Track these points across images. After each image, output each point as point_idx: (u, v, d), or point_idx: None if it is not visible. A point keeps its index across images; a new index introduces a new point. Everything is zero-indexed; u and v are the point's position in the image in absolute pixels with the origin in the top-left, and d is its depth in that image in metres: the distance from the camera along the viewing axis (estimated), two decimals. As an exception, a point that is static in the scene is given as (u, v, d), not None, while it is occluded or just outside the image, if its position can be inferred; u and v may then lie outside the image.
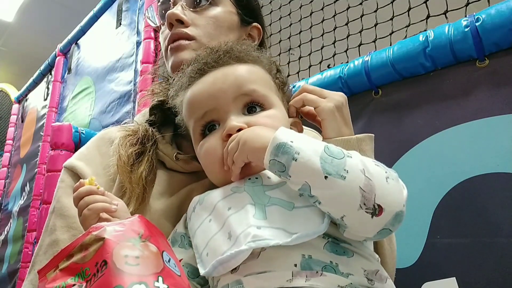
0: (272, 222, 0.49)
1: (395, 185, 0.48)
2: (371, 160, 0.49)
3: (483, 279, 0.78)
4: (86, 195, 0.55)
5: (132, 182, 0.64)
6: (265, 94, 0.60)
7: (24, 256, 2.43)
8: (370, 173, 0.47)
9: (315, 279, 0.45)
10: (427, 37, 0.93)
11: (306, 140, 0.49)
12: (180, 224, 0.62)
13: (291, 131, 0.51)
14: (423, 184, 0.90)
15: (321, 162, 0.46)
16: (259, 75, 0.62)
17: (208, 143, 0.59)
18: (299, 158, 0.47)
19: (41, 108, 3.10)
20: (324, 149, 0.48)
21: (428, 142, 0.93)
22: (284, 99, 0.65)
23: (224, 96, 0.58)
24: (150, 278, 0.40)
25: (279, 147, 0.48)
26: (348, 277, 0.46)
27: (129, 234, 0.44)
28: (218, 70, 0.60)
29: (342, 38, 1.30)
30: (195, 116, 0.60)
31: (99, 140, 0.75)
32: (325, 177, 0.46)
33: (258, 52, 0.66)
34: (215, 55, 0.61)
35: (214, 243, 0.51)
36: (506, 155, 0.80)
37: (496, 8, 0.84)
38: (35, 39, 4.51)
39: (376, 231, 0.48)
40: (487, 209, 0.81)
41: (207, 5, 0.75)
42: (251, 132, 0.53)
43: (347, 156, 0.48)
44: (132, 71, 2.05)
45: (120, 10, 2.32)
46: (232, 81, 0.59)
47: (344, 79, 1.09)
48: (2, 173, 3.56)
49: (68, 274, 0.44)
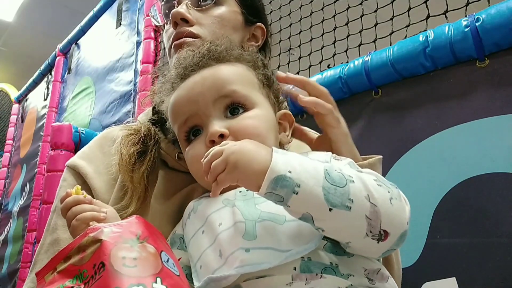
0: (262, 242, 0.47)
1: (399, 205, 0.47)
2: (372, 178, 0.47)
3: (483, 279, 0.78)
4: (73, 206, 0.54)
5: (133, 182, 0.63)
6: (246, 94, 0.58)
7: (24, 256, 2.42)
8: (375, 199, 0.45)
9: (315, 282, 0.45)
10: (427, 37, 0.93)
11: (305, 165, 0.45)
12: (179, 226, 0.61)
13: (286, 154, 0.47)
14: (423, 184, 0.90)
15: (324, 193, 0.43)
16: (240, 74, 0.60)
17: (193, 150, 0.58)
18: (300, 191, 0.43)
19: (41, 108, 3.10)
20: (325, 176, 0.44)
21: (428, 142, 0.93)
22: (270, 95, 0.64)
23: (204, 99, 0.57)
24: (149, 279, 0.40)
25: (277, 180, 0.43)
26: (349, 278, 0.46)
27: (126, 235, 0.44)
28: (197, 73, 0.60)
29: (342, 38, 1.30)
30: (178, 122, 0.60)
31: (102, 139, 0.75)
32: (329, 209, 0.43)
33: (240, 48, 0.64)
34: (195, 58, 0.61)
35: (206, 257, 0.51)
36: (506, 155, 0.80)
37: (496, 8, 0.84)
38: (35, 39, 4.51)
39: (381, 253, 0.48)
40: (487, 209, 0.80)
41: (211, 4, 0.74)
42: (240, 152, 0.46)
43: (349, 181, 0.45)
44: (132, 71, 2.05)
45: (120, 10, 2.32)
46: (210, 83, 0.57)
47: (344, 79, 1.09)
48: (2, 173, 3.56)
49: (66, 276, 0.43)
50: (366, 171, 0.50)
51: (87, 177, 0.68)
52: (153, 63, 1.96)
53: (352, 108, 1.08)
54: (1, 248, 3.08)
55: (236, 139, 0.54)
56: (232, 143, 0.48)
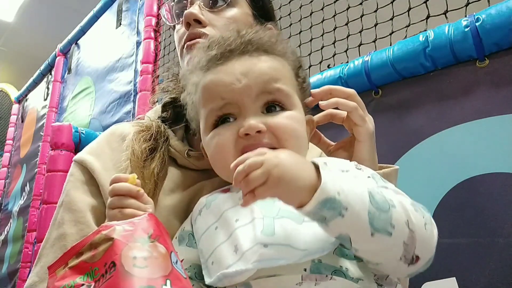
0: (280, 238, 0.47)
1: (431, 231, 0.47)
2: (409, 203, 0.47)
3: (483, 279, 0.78)
4: (123, 195, 0.55)
5: (144, 178, 0.64)
6: (288, 94, 0.57)
7: (24, 256, 2.43)
8: (413, 224, 0.44)
9: (324, 283, 0.45)
10: (427, 37, 0.93)
11: (351, 186, 0.43)
12: (187, 222, 0.61)
13: (330, 170, 0.44)
14: (423, 184, 0.90)
15: (370, 217, 0.42)
16: (284, 72, 0.59)
17: (220, 137, 0.56)
18: (347, 215, 0.42)
19: (41, 108, 3.11)
20: (370, 200, 0.43)
21: (428, 142, 0.93)
22: (303, 99, 0.62)
23: (248, 92, 0.54)
24: (158, 281, 0.40)
25: (325, 202, 0.41)
26: (358, 282, 0.46)
27: (138, 234, 0.44)
28: (242, 60, 0.57)
29: (342, 38, 1.30)
30: (212, 106, 0.57)
31: (110, 136, 0.75)
32: (371, 233, 0.42)
33: (285, 44, 0.62)
34: (241, 42, 0.57)
35: (220, 253, 0.50)
36: (506, 155, 0.80)
37: (496, 8, 0.84)
38: (35, 39, 4.51)
39: (408, 274, 0.48)
40: (487, 209, 0.80)
41: (224, 6, 0.74)
42: (284, 166, 0.43)
43: (391, 206, 0.44)
44: (132, 71, 2.06)
45: (120, 10, 2.32)
46: (257, 75, 0.55)
47: (344, 79, 1.09)
48: (2, 173, 3.57)
49: (77, 273, 0.44)
50: (399, 192, 0.49)
51: (94, 173, 0.68)
52: (153, 63, 1.96)
53: (352, 108, 1.07)
54: (1, 248, 3.09)
55: (274, 135, 0.53)
56: (273, 154, 0.44)
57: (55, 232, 0.66)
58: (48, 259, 0.63)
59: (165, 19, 0.83)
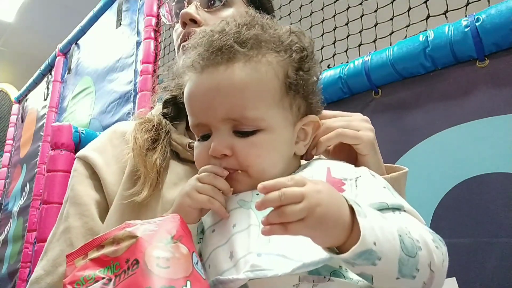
0: (274, 248, 0.46)
1: (446, 266, 0.47)
2: (431, 239, 0.46)
3: (483, 279, 0.78)
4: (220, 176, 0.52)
5: (147, 167, 0.64)
6: (257, 118, 0.52)
7: (24, 256, 2.43)
8: (435, 266, 0.44)
9: (322, 284, 0.45)
10: (427, 37, 0.93)
11: (384, 232, 0.41)
12: None
13: (366, 215, 0.42)
14: (423, 184, 0.90)
15: (399, 264, 0.41)
16: (258, 84, 0.53)
17: (197, 151, 0.57)
18: (379, 264, 0.40)
19: (41, 108, 3.11)
20: (401, 246, 0.42)
21: (428, 142, 0.93)
22: (296, 100, 0.57)
23: (214, 115, 0.53)
24: (179, 282, 0.41)
25: (363, 253, 0.40)
26: (358, 283, 0.46)
27: (161, 234, 0.45)
28: (215, 73, 0.53)
29: (342, 38, 1.30)
30: (191, 121, 0.57)
31: (112, 133, 0.77)
32: (397, 278, 0.42)
33: (282, 33, 0.57)
34: (220, 43, 0.53)
35: (216, 256, 0.50)
36: (506, 155, 0.80)
37: (496, 8, 0.84)
38: (35, 39, 4.51)
39: None
40: (487, 209, 0.81)
41: (220, 6, 0.75)
42: (327, 207, 0.40)
43: (418, 248, 0.43)
44: (132, 71, 2.06)
45: (120, 10, 2.32)
46: (223, 100, 0.52)
47: (344, 79, 1.09)
48: (2, 173, 3.57)
49: (98, 265, 0.44)
50: (417, 221, 0.49)
51: (96, 167, 0.69)
52: (153, 63, 1.96)
53: (352, 108, 1.08)
54: (1, 248, 3.09)
55: (237, 162, 0.53)
56: (314, 189, 0.41)
57: (61, 226, 0.67)
58: (54, 253, 0.64)
59: (164, 18, 0.85)
